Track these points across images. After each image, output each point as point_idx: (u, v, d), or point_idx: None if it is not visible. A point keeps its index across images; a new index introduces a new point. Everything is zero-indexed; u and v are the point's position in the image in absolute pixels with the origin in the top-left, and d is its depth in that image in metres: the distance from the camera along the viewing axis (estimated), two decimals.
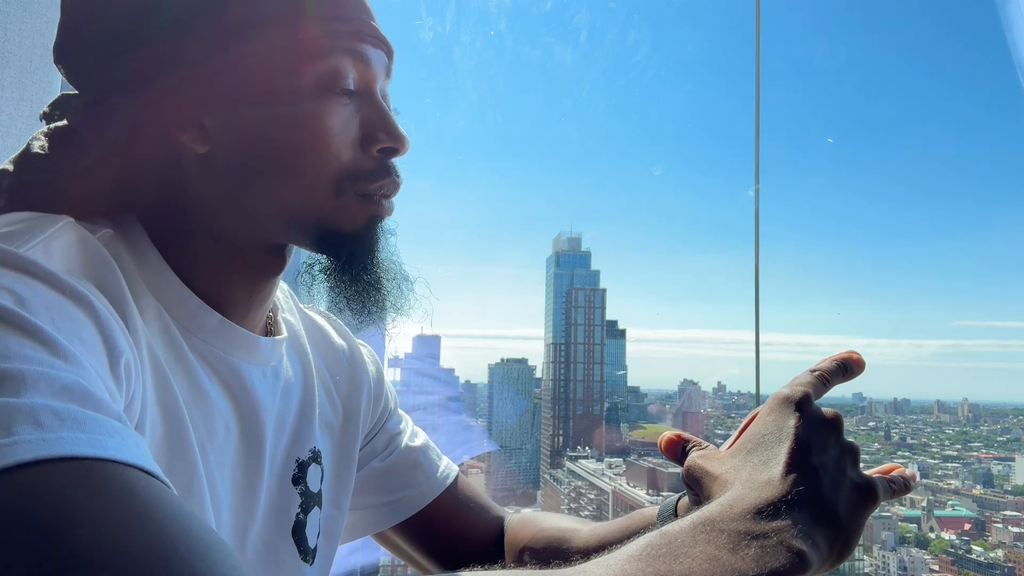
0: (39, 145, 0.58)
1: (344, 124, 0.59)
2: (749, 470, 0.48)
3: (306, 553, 0.64)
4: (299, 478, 0.65)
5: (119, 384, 0.43)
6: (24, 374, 0.34)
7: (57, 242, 0.48)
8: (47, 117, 0.60)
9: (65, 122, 0.59)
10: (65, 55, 0.59)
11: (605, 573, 0.39)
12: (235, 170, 0.58)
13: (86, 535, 0.29)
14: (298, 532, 0.64)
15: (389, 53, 0.63)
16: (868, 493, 0.49)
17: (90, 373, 0.39)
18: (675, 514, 0.67)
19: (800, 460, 0.48)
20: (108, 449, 0.33)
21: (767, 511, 0.44)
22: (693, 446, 0.57)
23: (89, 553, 0.28)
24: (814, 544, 0.43)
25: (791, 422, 0.50)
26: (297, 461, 0.66)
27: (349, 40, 0.58)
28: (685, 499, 0.66)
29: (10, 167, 0.58)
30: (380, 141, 0.60)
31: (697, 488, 0.53)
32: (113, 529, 0.30)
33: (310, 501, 0.66)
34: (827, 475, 0.48)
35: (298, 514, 0.64)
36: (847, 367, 0.56)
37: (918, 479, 0.56)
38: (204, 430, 0.56)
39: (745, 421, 0.57)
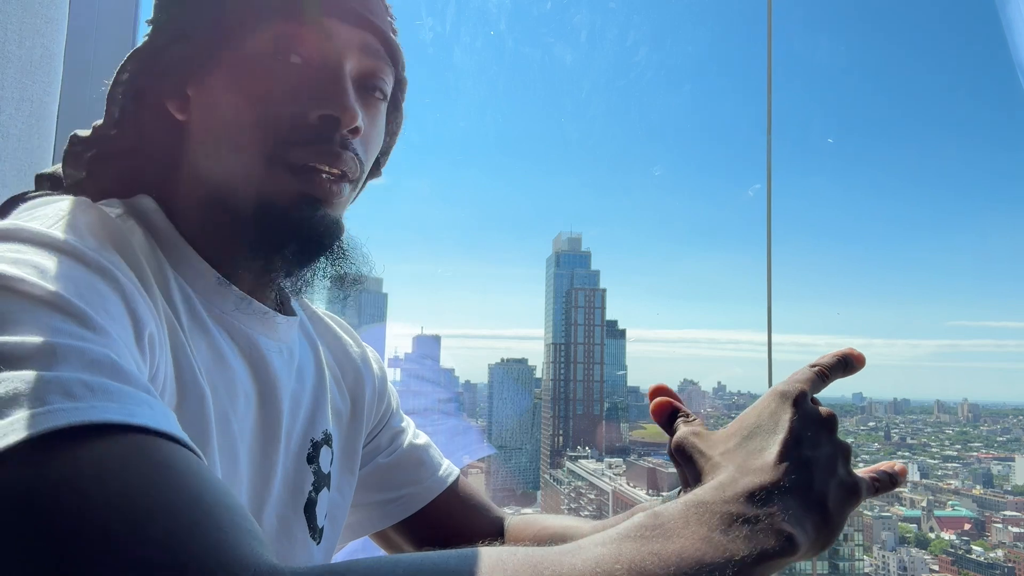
0: (94, 123, 0.61)
1: (286, 89, 0.58)
2: (743, 456, 0.49)
3: (315, 531, 0.65)
4: (313, 457, 0.66)
5: (144, 356, 0.44)
6: (55, 347, 0.35)
7: (78, 220, 0.49)
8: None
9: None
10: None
11: (600, 552, 0.39)
12: (200, 138, 0.59)
13: (118, 502, 0.30)
14: (309, 510, 0.65)
15: (377, 34, 0.62)
16: (853, 491, 0.50)
17: (119, 345, 0.39)
18: None
19: (793, 451, 0.48)
20: (138, 418, 0.34)
21: (759, 495, 0.44)
22: (682, 416, 0.57)
23: (120, 519, 0.29)
24: (803, 530, 0.44)
25: (786, 416, 0.50)
26: (312, 441, 0.66)
27: (306, 9, 0.58)
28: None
29: (83, 133, 0.62)
30: (319, 107, 0.58)
31: (688, 466, 0.52)
32: (143, 496, 0.30)
33: (321, 481, 0.66)
34: (818, 468, 0.48)
35: (310, 492, 0.65)
36: (847, 362, 0.56)
37: (908, 474, 0.50)
38: (227, 398, 0.56)
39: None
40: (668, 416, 0.57)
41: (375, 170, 0.73)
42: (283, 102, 0.58)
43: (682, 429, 0.55)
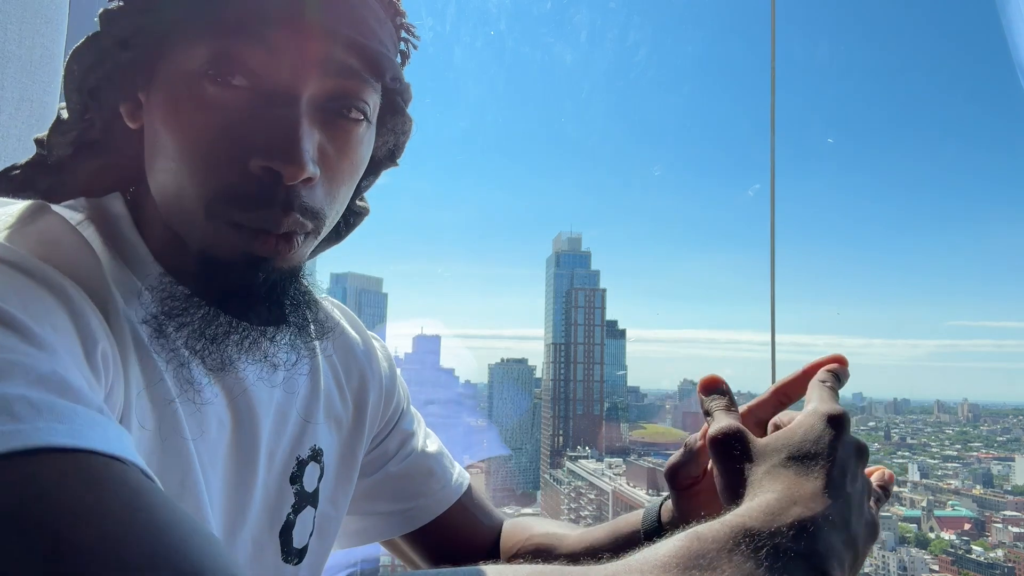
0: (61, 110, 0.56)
1: (224, 126, 0.49)
2: (791, 477, 0.45)
3: (289, 554, 0.63)
4: (296, 477, 0.63)
5: (96, 374, 0.41)
6: None
7: (30, 229, 0.46)
8: None
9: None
10: None
11: None
12: (149, 157, 0.53)
13: (69, 529, 0.27)
14: (285, 533, 0.62)
15: (348, 45, 0.51)
16: (875, 530, 0.49)
17: (67, 362, 0.37)
18: (659, 519, 0.67)
19: (838, 483, 0.45)
20: (88, 440, 0.31)
21: (809, 528, 0.41)
22: (727, 402, 0.54)
23: (77, 547, 0.27)
24: (841, 571, 0.42)
25: (828, 438, 0.47)
26: (297, 459, 0.63)
27: (257, 23, 0.48)
28: (668, 504, 0.65)
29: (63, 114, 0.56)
30: (260, 155, 0.48)
31: (725, 460, 0.48)
32: (98, 521, 0.28)
33: (303, 501, 0.64)
34: (855, 506, 0.46)
35: (289, 514, 0.62)
36: (839, 377, 0.56)
37: (894, 479, 0.57)
38: (195, 424, 0.52)
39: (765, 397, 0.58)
40: (720, 390, 0.55)
41: (389, 161, 0.67)
42: (220, 143, 0.49)
43: (730, 420, 0.51)
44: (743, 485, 0.46)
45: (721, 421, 0.50)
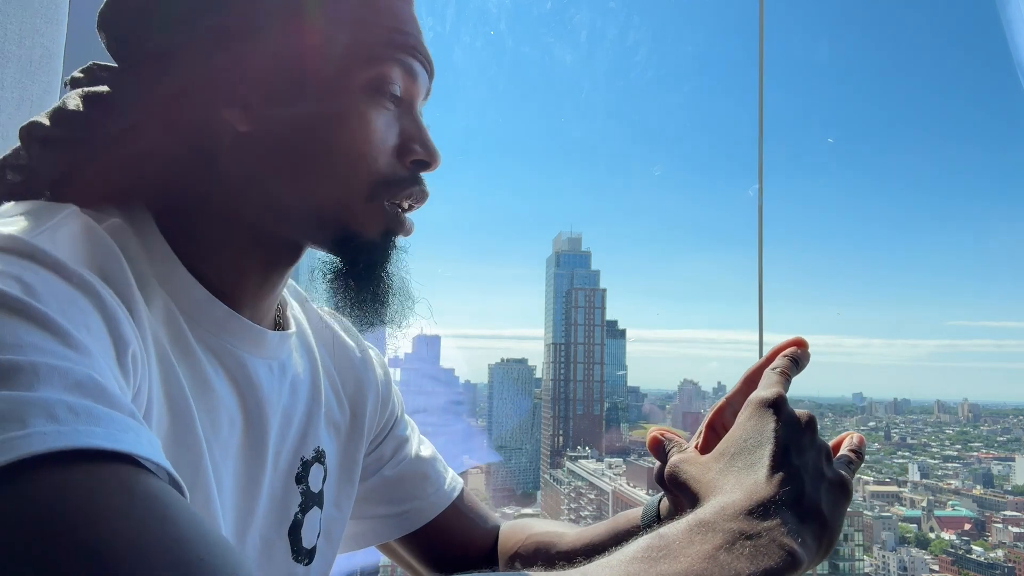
0: (74, 104, 0.57)
1: (385, 130, 0.60)
2: (735, 474, 0.50)
3: (299, 553, 0.65)
4: (302, 477, 0.65)
5: (126, 376, 0.43)
6: (37, 367, 0.34)
7: (62, 231, 0.47)
8: (75, 83, 0.59)
9: (105, 88, 0.58)
10: (107, 21, 0.58)
11: (609, 574, 0.41)
12: (271, 156, 0.58)
13: (106, 531, 0.29)
14: (294, 532, 0.64)
15: (431, 74, 0.65)
16: (843, 488, 0.52)
17: (102, 366, 0.38)
18: (658, 515, 0.70)
19: (783, 462, 0.49)
20: (123, 443, 0.33)
21: (758, 511, 0.45)
22: (673, 446, 0.60)
23: (109, 550, 0.28)
24: (803, 542, 0.45)
25: (771, 425, 0.52)
26: (302, 460, 0.66)
27: (402, 52, 0.60)
28: (666, 501, 0.68)
29: (45, 120, 0.56)
30: (415, 153, 0.62)
31: (683, 492, 0.54)
32: (133, 527, 0.30)
33: (309, 501, 0.66)
34: (808, 475, 0.50)
35: (296, 513, 0.64)
36: (798, 361, 0.60)
37: (864, 442, 0.60)
38: (208, 423, 0.55)
39: (709, 415, 0.62)
40: (662, 450, 0.60)
41: None
42: (383, 141, 0.60)
43: (672, 458, 0.57)
44: (699, 499, 0.51)
45: (669, 460, 0.58)
